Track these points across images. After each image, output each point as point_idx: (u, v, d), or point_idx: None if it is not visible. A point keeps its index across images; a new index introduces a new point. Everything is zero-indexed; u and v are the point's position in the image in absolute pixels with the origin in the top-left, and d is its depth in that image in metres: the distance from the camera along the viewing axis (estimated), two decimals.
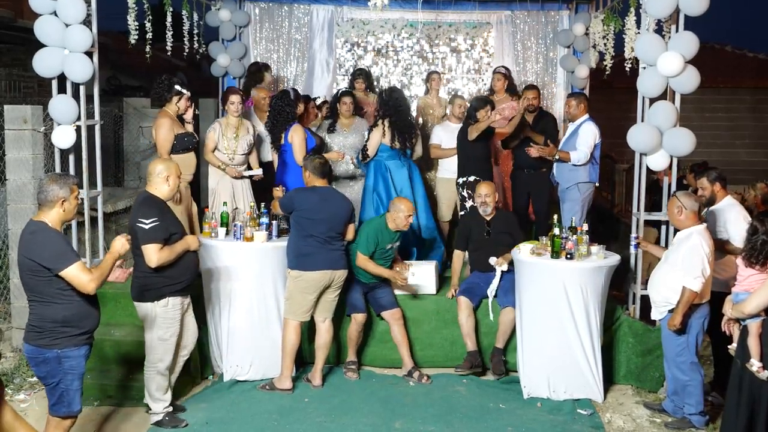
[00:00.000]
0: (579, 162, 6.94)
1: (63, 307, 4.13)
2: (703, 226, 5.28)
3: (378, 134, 6.98)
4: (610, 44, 8.03)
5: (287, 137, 6.71)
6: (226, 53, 9.20)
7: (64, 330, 4.14)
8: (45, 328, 4.13)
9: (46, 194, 4.13)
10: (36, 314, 4.16)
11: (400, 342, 6.14)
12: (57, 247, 4.06)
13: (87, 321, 4.24)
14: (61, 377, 4.19)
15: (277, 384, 5.80)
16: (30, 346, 4.18)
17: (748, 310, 4.44)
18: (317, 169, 5.78)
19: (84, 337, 4.25)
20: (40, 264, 4.04)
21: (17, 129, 6.21)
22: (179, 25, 7.98)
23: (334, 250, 5.76)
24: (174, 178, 5.02)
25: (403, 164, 7.06)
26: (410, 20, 9.61)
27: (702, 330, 5.41)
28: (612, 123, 8.93)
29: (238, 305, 5.90)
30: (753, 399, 4.44)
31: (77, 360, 4.22)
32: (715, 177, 5.68)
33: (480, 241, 6.41)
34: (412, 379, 6.07)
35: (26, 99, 10.01)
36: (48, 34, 5.78)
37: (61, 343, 4.14)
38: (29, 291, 4.18)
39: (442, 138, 7.70)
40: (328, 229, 5.69)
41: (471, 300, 6.18)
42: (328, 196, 5.79)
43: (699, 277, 5.10)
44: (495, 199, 6.40)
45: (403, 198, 6.28)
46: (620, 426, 5.46)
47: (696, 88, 5.77)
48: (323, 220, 5.67)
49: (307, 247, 5.66)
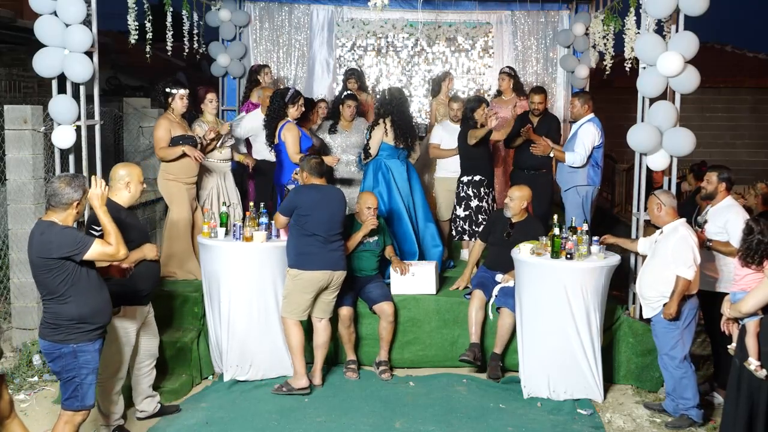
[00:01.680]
0: (574, 164, 6.93)
1: (78, 305, 4.22)
2: (683, 219, 5.43)
3: (380, 133, 6.99)
4: (610, 44, 8.03)
5: (280, 135, 6.72)
6: (226, 53, 9.21)
7: (80, 326, 4.25)
8: (61, 324, 4.23)
9: (60, 197, 4.17)
10: (51, 312, 4.25)
11: (382, 337, 6.19)
12: (72, 236, 4.15)
13: (100, 316, 4.35)
14: (76, 372, 4.29)
15: (293, 384, 5.74)
16: (46, 342, 4.28)
17: (745, 309, 4.47)
18: (314, 169, 5.78)
19: (98, 332, 4.36)
20: (65, 257, 4.10)
21: (17, 129, 6.21)
22: (179, 25, 7.98)
23: (334, 250, 5.74)
24: (136, 185, 4.93)
25: (402, 164, 7.08)
26: (410, 20, 9.62)
27: (694, 323, 5.45)
28: (612, 123, 8.93)
29: (238, 305, 5.90)
30: (752, 397, 4.46)
31: (92, 354, 4.33)
32: (724, 177, 5.67)
33: (499, 239, 6.40)
34: (376, 369, 6.18)
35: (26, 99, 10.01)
36: (48, 34, 5.78)
37: (76, 338, 4.25)
38: (44, 290, 4.25)
39: (442, 137, 7.71)
40: (329, 228, 5.68)
41: (485, 293, 6.20)
42: (328, 194, 5.79)
43: (692, 266, 5.22)
44: (522, 206, 6.29)
45: (368, 192, 6.45)
46: (620, 426, 5.46)
47: (696, 88, 5.77)
48: (324, 218, 5.66)
49: (308, 246, 5.66)
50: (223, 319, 5.95)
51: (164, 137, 6.39)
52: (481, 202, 7.20)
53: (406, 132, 7.04)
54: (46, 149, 6.35)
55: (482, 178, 7.18)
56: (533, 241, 5.95)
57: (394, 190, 6.98)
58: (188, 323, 6.29)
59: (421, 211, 7.15)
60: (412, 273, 6.39)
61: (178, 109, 6.52)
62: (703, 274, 5.62)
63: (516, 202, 6.27)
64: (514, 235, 6.27)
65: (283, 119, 6.75)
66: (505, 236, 6.35)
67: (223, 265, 5.90)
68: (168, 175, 6.58)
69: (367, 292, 6.26)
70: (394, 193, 6.97)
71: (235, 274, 5.89)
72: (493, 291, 6.21)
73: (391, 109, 7.00)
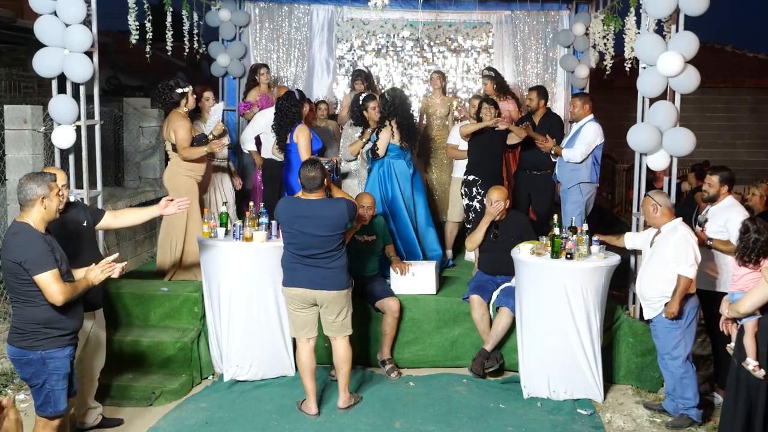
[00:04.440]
0: (574, 159, 6.92)
1: (44, 309, 4.12)
2: (680, 218, 5.43)
3: (387, 134, 6.99)
4: (610, 44, 8.03)
5: (292, 137, 6.72)
6: (226, 53, 9.21)
7: (47, 331, 4.15)
8: (27, 329, 4.13)
9: (25, 194, 4.10)
10: (18, 316, 4.16)
11: (386, 333, 6.17)
12: (36, 251, 4.03)
13: (69, 322, 4.23)
14: (46, 378, 4.19)
15: (303, 407, 5.46)
16: (14, 348, 4.19)
17: (743, 309, 4.47)
18: (305, 180, 5.26)
19: (67, 338, 4.24)
20: (21, 265, 4.03)
21: (17, 129, 6.21)
22: (179, 25, 7.98)
23: (316, 267, 5.22)
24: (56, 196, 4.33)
25: (409, 166, 7.10)
26: (410, 20, 9.62)
27: (696, 322, 5.45)
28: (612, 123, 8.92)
29: (238, 305, 5.89)
30: (750, 397, 4.47)
31: (61, 361, 4.22)
32: (725, 178, 5.67)
33: (489, 243, 6.39)
34: (383, 368, 6.14)
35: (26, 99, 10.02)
36: (48, 34, 5.78)
37: (44, 345, 4.14)
38: (11, 292, 4.18)
39: (460, 138, 7.68)
40: (302, 245, 5.21)
41: (483, 297, 6.20)
42: (313, 210, 5.20)
43: (693, 265, 5.23)
44: (506, 205, 6.31)
45: (366, 193, 6.43)
46: (620, 426, 5.46)
47: (696, 88, 5.76)
48: (301, 236, 5.21)
49: (288, 262, 5.34)
50: (223, 319, 5.95)
51: (187, 137, 6.31)
52: (472, 202, 7.19)
53: (410, 132, 7.06)
54: (46, 149, 6.36)
55: (476, 178, 7.17)
56: (533, 241, 5.95)
57: (397, 192, 6.98)
58: (188, 323, 6.28)
59: (422, 215, 7.15)
60: (412, 273, 6.39)
61: (191, 105, 6.50)
62: (704, 273, 5.63)
63: (503, 203, 6.28)
64: (501, 234, 6.30)
65: (296, 122, 6.76)
66: (492, 238, 6.35)
67: (223, 265, 5.90)
68: (189, 171, 6.48)
69: (369, 290, 6.25)
70: (399, 196, 6.97)
71: (235, 274, 5.88)
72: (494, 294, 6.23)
73: (396, 110, 7.00)
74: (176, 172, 6.53)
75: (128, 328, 6.19)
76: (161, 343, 6.00)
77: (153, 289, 6.43)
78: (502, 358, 6.15)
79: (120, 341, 5.99)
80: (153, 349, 5.99)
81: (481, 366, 6.04)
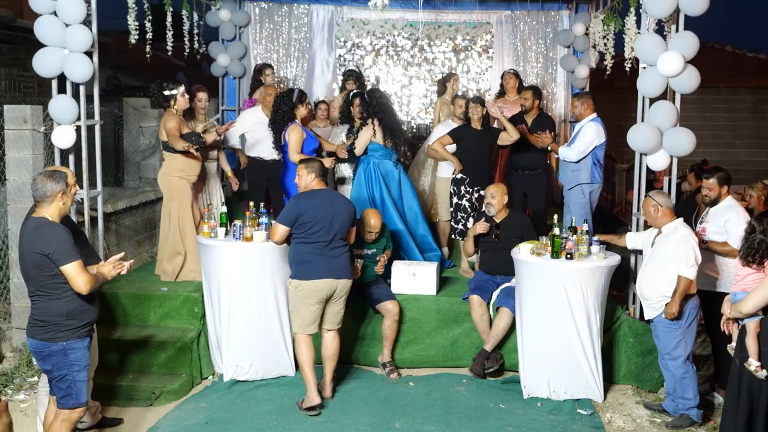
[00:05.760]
0: (569, 158, 6.88)
1: (66, 301, 4.23)
2: (681, 219, 5.44)
3: (368, 133, 6.98)
4: (610, 44, 8.03)
5: (284, 136, 6.72)
6: (226, 53, 9.22)
7: (69, 323, 4.25)
8: (50, 321, 4.23)
9: (44, 191, 4.20)
10: (40, 309, 4.25)
11: (386, 336, 6.19)
12: (62, 242, 4.15)
13: (88, 313, 4.35)
14: (67, 370, 4.29)
15: (303, 404, 5.45)
16: (35, 341, 4.28)
17: (746, 309, 4.47)
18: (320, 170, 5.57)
19: (86, 328, 4.36)
20: (48, 257, 4.12)
21: (17, 129, 6.21)
22: (179, 25, 7.99)
23: (337, 257, 5.48)
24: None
25: (395, 167, 7.09)
26: (410, 20, 9.63)
27: (696, 322, 5.46)
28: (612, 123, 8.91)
29: (238, 305, 5.89)
30: (751, 398, 4.46)
31: (81, 351, 4.33)
32: (723, 179, 5.68)
33: (490, 243, 6.39)
34: (383, 371, 6.16)
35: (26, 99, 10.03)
36: (48, 34, 5.78)
37: (65, 336, 4.25)
38: (33, 286, 4.26)
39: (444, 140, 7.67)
40: (332, 234, 5.43)
41: (482, 297, 6.20)
42: (331, 199, 5.54)
43: (693, 266, 5.23)
44: (502, 202, 6.32)
45: (374, 211, 6.34)
46: (620, 426, 5.46)
47: (696, 88, 5.76)
48: (328, 224, 5.41)
49: (308, 255, 5.43)
50: (223, 319, 5.95)
51: (176, 127, 6.34)
52: (461, 201, 7.18)
53: (393, 131, 7.03)
54: (46, 149, 6.36)
55: (463, 176, 7.16)
56: (533, 241, 5.95)
57: (385, 192, 6.96)
58: (188, 323, 6.28)
59: (413, 212, 7.14)
60: (412, 273, 6.38)
61: (181, 106, 6.49)
62: (704, 273, 5.63)
63: (498, 198, 6.28)
64: (502, 235, 6.30)
65: (288, 120, 6.75)
66: (494, 238, 6.35)
67: (223, 265, 5.90)
68: (180, 172, 6.50)
69: (369, 293, 6.24)
70: (385, 195, 6.95)
71: (235, 273, 5.88)
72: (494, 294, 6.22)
73: (376, 110, 6.99)
74: (168, 172, 6.55)
75: (128, 328, 6.19)
76: (161, 343, 6.00)
77: (153, 289, 6.44)
78: (502, 358, 6.15)
79: (120, 341, 5.99)
80: (153, 349, 5.99)
81: (481, 366, 6.04)
